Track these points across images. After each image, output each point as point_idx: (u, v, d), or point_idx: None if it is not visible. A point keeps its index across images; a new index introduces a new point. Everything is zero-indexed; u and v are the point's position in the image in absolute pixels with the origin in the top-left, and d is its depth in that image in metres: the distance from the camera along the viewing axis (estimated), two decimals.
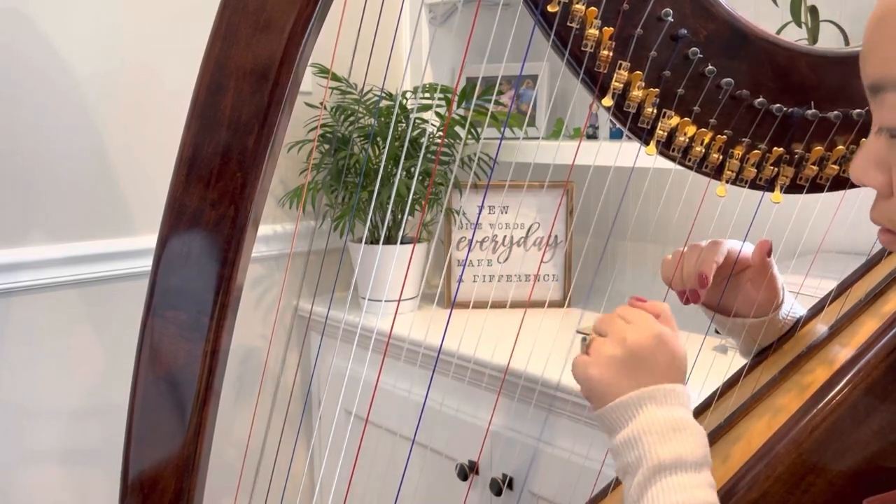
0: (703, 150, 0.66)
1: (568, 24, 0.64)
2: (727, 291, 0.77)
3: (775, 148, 0.66)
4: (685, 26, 0.64)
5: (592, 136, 1.52)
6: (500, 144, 1.51)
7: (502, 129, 1.55)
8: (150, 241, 0.70)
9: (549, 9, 0.64)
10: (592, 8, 0.63)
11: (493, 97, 1.58)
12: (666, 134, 0.66)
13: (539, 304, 1.50)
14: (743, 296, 0.77)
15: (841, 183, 0.67)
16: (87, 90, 1.28)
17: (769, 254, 0.75)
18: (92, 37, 1.28)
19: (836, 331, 0.71)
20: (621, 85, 0.65)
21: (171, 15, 1.35)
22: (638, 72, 0.65)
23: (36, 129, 1.24)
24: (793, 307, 0.79)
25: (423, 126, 1.47)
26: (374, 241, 1.49)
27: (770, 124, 0.66)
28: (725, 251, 0.75)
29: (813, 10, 1.17)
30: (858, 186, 0.67)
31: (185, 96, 0.67)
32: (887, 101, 0.49)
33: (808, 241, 1.04)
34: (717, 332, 1.16)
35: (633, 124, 0.66)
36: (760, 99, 0.65)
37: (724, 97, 0.65)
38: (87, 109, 1.29)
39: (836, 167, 0.67)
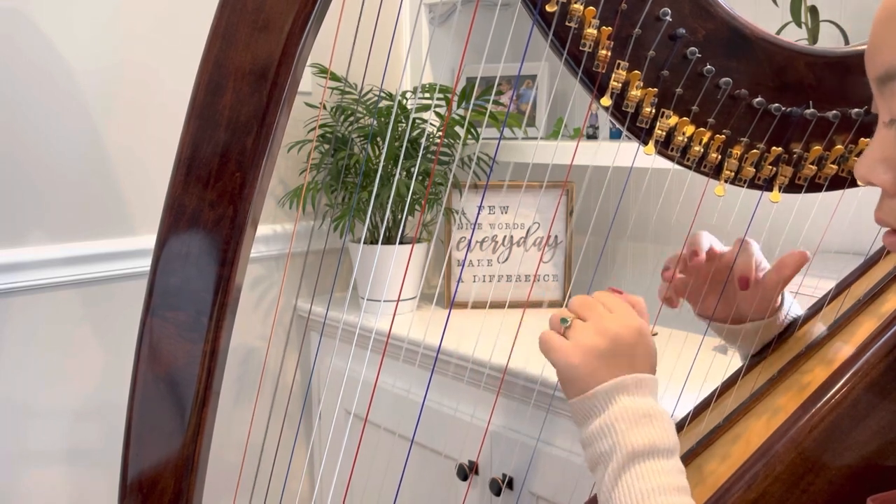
0: (702, 150, 0.66)
1: (566, 23, 0.64)
2: (725, 301, 0.77)
3: (774, 147, 0.66)
4: (683, 26, 0.64)
5: (592, 136, 1.52)
6: (498, 144, 1.51)
7: (501, 129, 1.55)
8: (150, 241, 0.70)
9: (548, 8, 0.64)
10: (591, 8, 0.63)
11: (492, 97, 1.58)
12: (664, 133, 0.66)
13: (538, 304, 1.50)
14: (742, 302, 0.77)
15: (839, 182, 0.67)
16: (88, 90, 1.28)
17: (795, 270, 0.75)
18: (92, 36, 1.28)
19: (834, 330, 0.71)
20: (620, 84, 0.65)
21: (170, 14, 1.35)
22: (636, 71, 0.65)
23: (36, 129, 1.24)
24: (791, 306, 0.79)
25: (422, 126, 1.47)
26: (373, 241, 1.49)
27: (768, 124, 0.66)
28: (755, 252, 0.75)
29: (813, 10, 1.17)
30: (857, 186, 0.67)
31: (185, 96, 0.67)
32: None
33: (806, 240, 1.04)
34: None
35: (631, 124, 0.67)
36: (759, 98, 0.65)
37: (722, 97, 0.65)
38: (87, 109, 1.29)
39: (834, 167, 0.67)
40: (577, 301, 0.67)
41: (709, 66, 0.64)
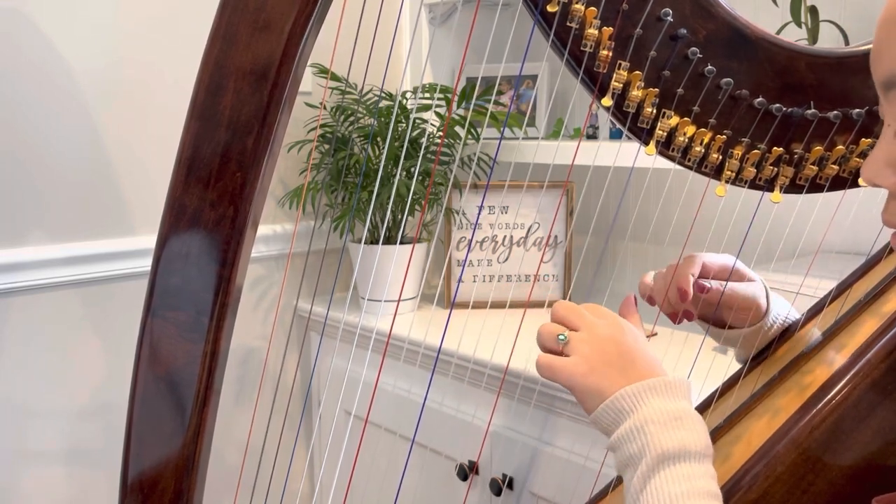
0: (703, 150, 0.66)
1: (567, 23, 0.64)
2: (706, 304, 0.77)
3: (775, 148, 0.66)
4: (684, 26, 0.64)
5: (592, 136, 1.52)
6: (499, 144, 1.51)
7: (502, 129, 1.55)
8: (150, 241, 0.70)
9: (549, 9, 0.64)
10: (592, 8, 0.63)
11: (493, 97, 1.58)
12: (665, 134, 0.66)
13: (539, 305, 1.50)
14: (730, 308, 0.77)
15: (840, 183, 0.67)
16: (88, 89, 1.28)
17: (695, 291, 0.74)
18: (92, 35, 1.28)
19: (835, 331, 0.71)
20: (621, 85, 0.65)
21: (171, 13, 1.35)
22: (637, 71, 0.65)
23: (36, 129, 1.24)
24: (789, 313, 0.79)
25: (422, 126, 1.47)
26: (373, 241, 1.49)
27: (769, 124, 0.66)
28: (700, 263, 0.75)
29: (813, 10, 1.17)
30: (859, 186, 0.67)
31: (186, 95, 0.67)
32: None
33: (807, 240, 1.04)
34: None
35: (632, 124, 0.66)
36: (760, 99, 0.65)
37: (723, 97, 0.65)
38: (87, 109, 1.29)
39: (835, 167, 0.66)
40: (563, 310, 0.66)
41: (710, 67, 0.64)
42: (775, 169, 0.67)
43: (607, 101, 0.65)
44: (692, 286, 0.74)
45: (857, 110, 0.65)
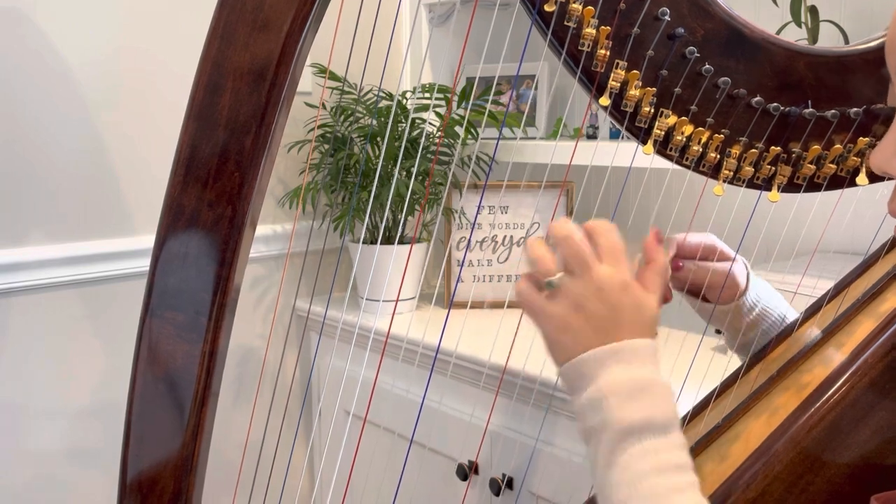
0: (701, 150, 0.67)
1: (565, 23, 0.64)
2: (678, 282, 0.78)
3: (773, 147, 0.66)
4: (682, 25, 0.64)
5: (592, 136, 1.52)
6: (497, 144, 1.51)
7: (500, 129, 1.55)
8: (150, 241, 0.70)
9: (546, 8, 0.64)
10: (589, 7, 0.63)
11: (492, 97, 1.58)
12: (663, 133, 0.66)
13: None
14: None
15: (838, 182, 0.67)
16: (88, 89, 1.28)
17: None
18: (91, 28, 1.27)
19: (833, 330, 0.71)
20: (618, 84, 0.65)
21: (171, 5, 1.34)
22: (635, 71, 0.65)
23: (35, 127, 1.24)
24: (770, 302, 0.79)
25: (421, 126, 1.47)
26: (372, 240, 1.49)
27: (767, 123, 0.66)
28: (675, 243, 0.76)
29: (813, 10, 1.17)
30: (856, 185, 0.67)
31: (186, 96, 0.67)
32: None
33: (805, 240, 1.04)
34: (717, 331, 1.17)
35: (630, 123, 0.67)
36: (758, 98, 0.65)
37: (721, 96, 0.65)
38: (87, 109, 1.29)
39: (833, 166, 0.67)
40: (568, 249, 0.59)
41: (707, 66, 0.64)
42: (773, 168, 0.67)
43: (605, 100, 0.65)
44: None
45: (856, 109, 0.65)
